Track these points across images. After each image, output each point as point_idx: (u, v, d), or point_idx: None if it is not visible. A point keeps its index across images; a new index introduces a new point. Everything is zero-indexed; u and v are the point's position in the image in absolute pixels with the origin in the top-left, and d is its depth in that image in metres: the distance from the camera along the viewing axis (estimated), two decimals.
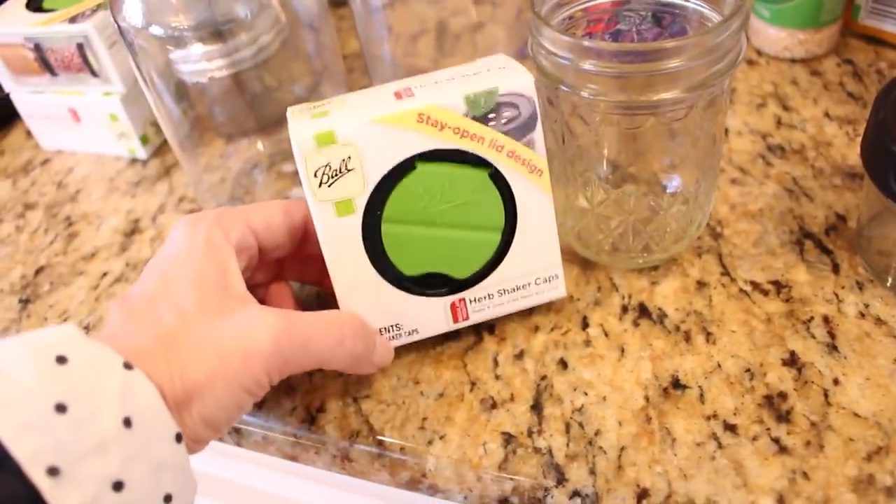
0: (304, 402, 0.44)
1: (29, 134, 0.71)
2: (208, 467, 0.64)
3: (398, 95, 0.40)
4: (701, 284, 0.46)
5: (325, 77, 0.57)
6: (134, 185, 0.62)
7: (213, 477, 0.65)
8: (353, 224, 0.40)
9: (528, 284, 0.44)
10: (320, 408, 0.43)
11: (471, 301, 0.43)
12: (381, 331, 0.43)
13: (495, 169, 0.40)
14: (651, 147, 0.43)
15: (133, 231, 0.58)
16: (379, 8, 0.53)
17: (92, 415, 0.29)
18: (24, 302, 0.54)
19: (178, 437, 0.32)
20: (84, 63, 0.60)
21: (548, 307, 0.46)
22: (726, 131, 0.56)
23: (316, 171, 0.39)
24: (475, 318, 0.44)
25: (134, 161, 0.65)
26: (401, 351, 0.45)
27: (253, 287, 0.44)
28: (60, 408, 0.28)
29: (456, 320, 0.44)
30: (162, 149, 0.66)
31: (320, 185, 0.39)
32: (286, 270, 0.46)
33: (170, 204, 0.60)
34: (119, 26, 0.47)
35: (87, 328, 0.51)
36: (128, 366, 0.31)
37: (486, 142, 0.39)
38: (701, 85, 0.38)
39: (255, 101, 0.59)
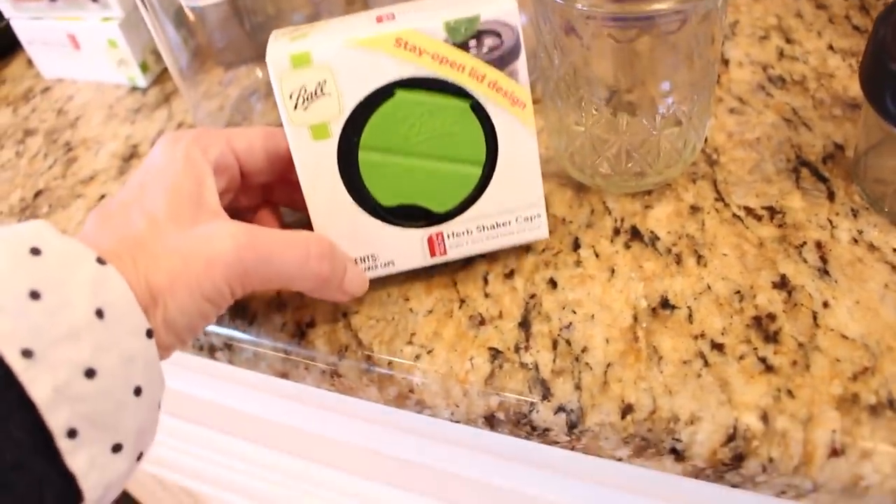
0: (295, 318, 0.44)
1: (30, 63, 0.71)
2: (204, 392, 0.65)
3: (379, 19, 0.39)
4: (694, 209, 0.45)
5: (324, 6, 0.56)
6: (133, 111, 0.62)
7: (209, 402, 0.65)
8: (329, 149, 0.40)
9: (509, 222, 0.43)
10: (310, 323, 0.43)
11: (449, 236, 0.43)
12: (356, 261, 0.42)
13: (477, 101, 0.40)
14: (645, 67, 0.43)
15: (131, 156, 0.58)
16: None
17: (65, 303, 0.29)
18: None
19: (149, 333, 0.32)
20: None
21: None
22: (727, 62, 0.55)
23: (291, 93, 0.38)
24: (453, 253, 0.43)
25: (134, 89, 0.65)
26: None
27: (240, 211, 0.45)
28: (34, 294, 0.28)
29: (433, 254, 0.43)
30: (162, 77, 0.66)
31: (295, 108, 0.39)
32: (275, 196, 0.46)
33: (169, 130, 0.60)
34: None
35: None
36: (100, 261, 0.31)
37: (466, 70, 0.39)
38: None
39: (254, 29, 0.58)
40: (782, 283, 0.41)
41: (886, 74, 0.39)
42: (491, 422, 0.40)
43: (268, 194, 0.46)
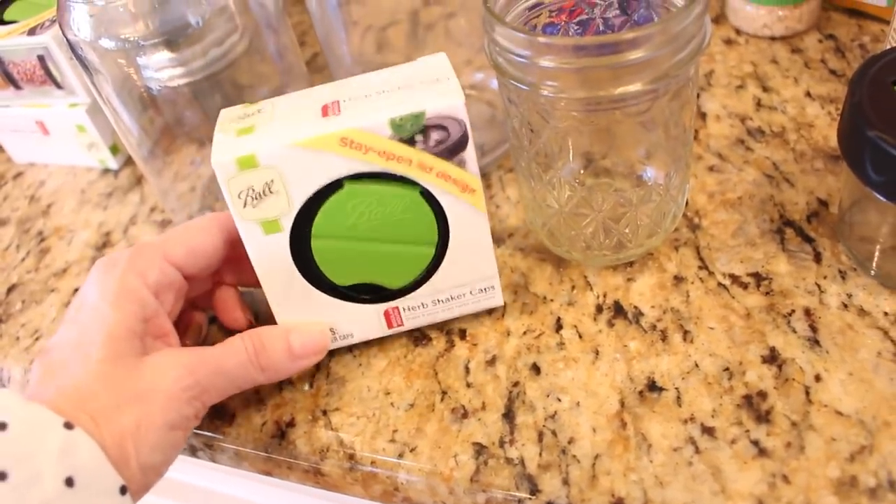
0: (274, 417, 0.42)
1: (0, 148, 0.70)
2: (196, 479, 0.64)
3: (325, 111, 0.39)
4: (678, 279, 0.44)
5: (291, 78, 0.56)
6: (106, 196, 0.61)
7: (201, 489, 0.64)
8: (282, 241, 0.40)
9: (464, 294, 0.43)
10: (290, 422, 0.42)
11: (405, 309, 0.43)
12: None
13: (425, 188, 0.40)
14: (619, 140, 0.42)
15: (104, 244, 0.57)
16: (335, 6, 0.51)
17: (34, 478, 0.29)
18: None
19: (123, 490, 0.32)
20: (47, 75, 0.59)
21: (521, 309, 0.44)
22: (704, 115, 0.54)
23: (239, 193, 0.38)
24: (409, 324, 0.44)
25: (106, 171, 0.64)
26: (371, 360, 0.44)
27: (196, 300, 0.45)
28: (1, 476, 0.28)
29: (391, 326, 0.44)
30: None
31: (244, 206, 0.38)
32: (226, 277, 0.46)
33: (141, 215, 0.59)
34: (68, 40, 0.46)
35: None
36: (68, 425, 0.31)
37: (413, 163, 0.39)
38: (665, 75, 0.37)
39: (225, 104, 0.57)
40: (772, 357, 0.40)
41: (864, 140, 0.37)
42: None
43: (218, 276, 0.45)
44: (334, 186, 0.39)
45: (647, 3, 0.42)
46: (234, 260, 0.44)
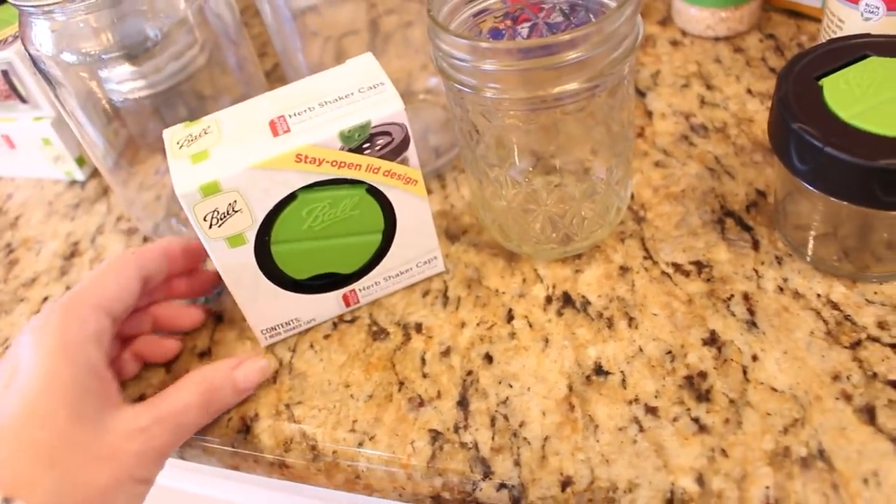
0: (240, 413, 0.44)
1: None
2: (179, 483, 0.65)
3: (274, 128, 0.41)
4: (624, 270, 0.46)
5: (252, 88, 0.57)
6: (73, 207, 0.63)
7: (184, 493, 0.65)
8: (246, 251, 0.42)
9: (411, 268, 0.48)
10: (254, 417, 0.44)
11: (360, 290, 0.47)
12: (280, 326, 0.46)
13: (371, 185, 0.42)
14: (561, 138, 0.44)
15: (72, 254, 0.58)
16: (290, 19, 0.53)
17: None
18: None
19: None
20: (11, 89, 0.60)
21: (474, 302, 0.46)
22: (650, 114, 0.56)
23: (205, 216, 0.40)
24: (365, 300, 0.48)
25: (73, 183, 0.65)
26: (332, 355, 0.45)
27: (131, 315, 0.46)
28: None
29: (348, 305, 0.48)
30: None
31: (210, 227, 0.41)
32: (172, 290, 0.49)
33: (108, 224, 0.60)
34: (30, 54, 0.47)
35: None
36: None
37: (363, 168, 0.42)
38: (600, 74, 0.39)
39: (189, 115, 0.59)
40: (712, 340, 0.42)
41: (790, 132, 0.40)
42: (438, 501, 0.41)
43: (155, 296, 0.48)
44: (290, 198, 0.41)
45: (585, 8, 0.44)
46: (166, 282, 0.47)
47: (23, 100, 0.61)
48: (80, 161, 0.64)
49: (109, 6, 0.46)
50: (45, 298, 0.55)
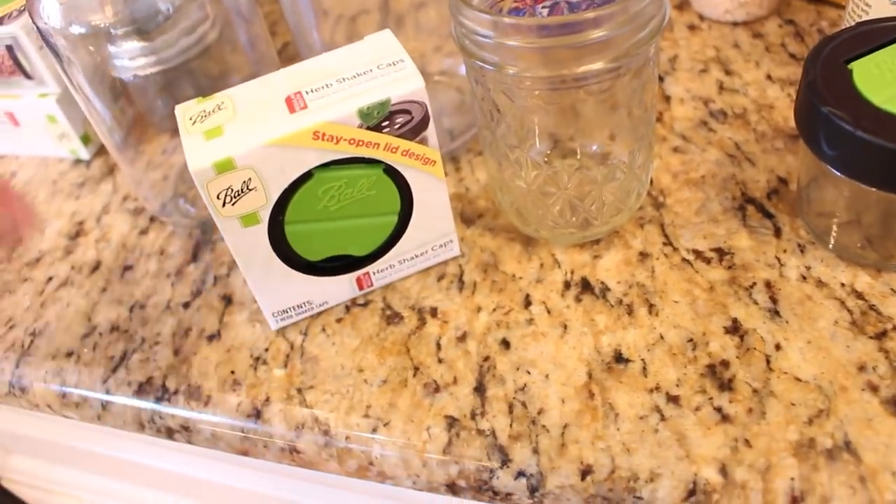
0: (250, 396, 0.43)
1: None
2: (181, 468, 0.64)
3: (290, 104, 0.40)
4: (643, 256, 0.45)
5: (263, 67, 0.56)
6: (78, 186, 0.62)
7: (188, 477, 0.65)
8: (259, 231, 0.41)
9: (426, 251, 0.47)
10: (266, 400, 0.43)
11: (374, 273, 0.46)
12: (292, 309, 0.46)
13: (389, 165, 0.41)
14: (584, 121, 0.43)
15: (77, 234, 0.57)
16: None
17: None
18: None
19: None
20: (16, 65, 0.59)
21: (490, 287, 0.45)
22: (668, 99, 0.55)
23: (218, 194, 0.39)
24: (378, 284, 0.47)
25: (78, 162, 0.64)
26: (344, 339, 0.45)
27: None
28: None
29: (361, 288, 0.47)
30: (105, 147, 0.65)
31: (224, 205, 0.39)
32: None
33: (114, 203, 0.59)
34: (38, 28, 0.46)
35: (32, 334, 0.50)
36: None
37: (381, 146, 0.40)
38: (625, 54, 0.38)
39: (198, 93, 0.58)
40: (734, 328, 0.41)
41: (819, 116, 0.39)
42: (453, 489, 0.40)
43: None
44: (305, 177, 0.40)
45: None
46: None
47: (27, 76, 0.60)
48: (86, 139, 0.63)
49: None
50: (50, 279, 0.54)
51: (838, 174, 0.39)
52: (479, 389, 0.41)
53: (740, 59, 0.57)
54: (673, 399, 0.39)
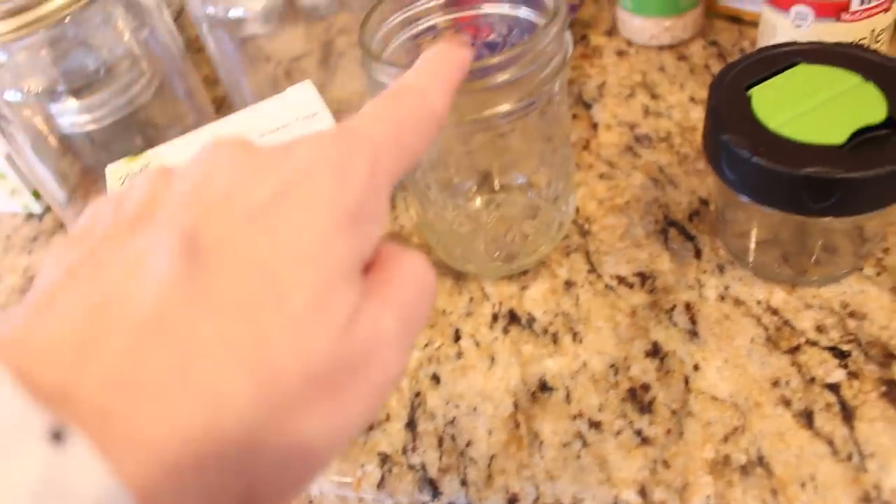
0: None
1: None
2: None
3: None
4: (569, 284, 0.47)
5: (202, 117, 0.58)
6: (31, 240, 0.63)
7: None
8: None
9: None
10: None
11: None
12: None
13: None
14: (498, 157, 0.44)
15: (30, 288, 0.58)
16: (234, 50, 0.53)
17: None
18: None
19: None
20: None
21: None
22: (595, 126, 0.57)
23: None
24: None
25: (30, 216, 0.65)
26: None
27: None
28: None
29: None
30: None
31: None
32: None
33: None
34: None
35: None
36: (57, 436, 0.16)
37: None
38: (529, 94, 0.39)
39: (142, 145, 0.59)
40: (654, 351, 0.42)
41: (720, 144, 0.40)
42: None
43: None
44: None
45: (520, 28, 0.45)
46: None
47: None
48: (37, 194, 0.64)
49: (50, 43, 0.47)
50: None
51: (744, 198, 0.41)
52: (411, 425, 0.42)
53: (665, 83, 0.59)
54: (595, 424, 0.40)
